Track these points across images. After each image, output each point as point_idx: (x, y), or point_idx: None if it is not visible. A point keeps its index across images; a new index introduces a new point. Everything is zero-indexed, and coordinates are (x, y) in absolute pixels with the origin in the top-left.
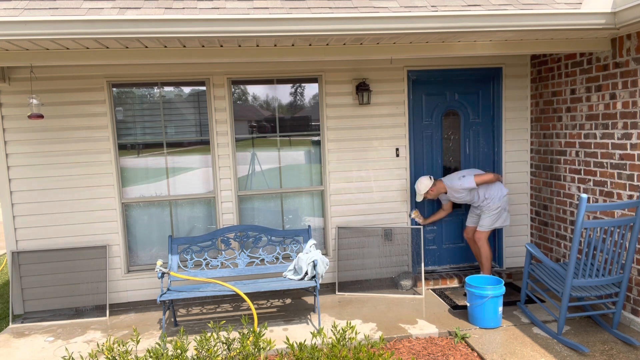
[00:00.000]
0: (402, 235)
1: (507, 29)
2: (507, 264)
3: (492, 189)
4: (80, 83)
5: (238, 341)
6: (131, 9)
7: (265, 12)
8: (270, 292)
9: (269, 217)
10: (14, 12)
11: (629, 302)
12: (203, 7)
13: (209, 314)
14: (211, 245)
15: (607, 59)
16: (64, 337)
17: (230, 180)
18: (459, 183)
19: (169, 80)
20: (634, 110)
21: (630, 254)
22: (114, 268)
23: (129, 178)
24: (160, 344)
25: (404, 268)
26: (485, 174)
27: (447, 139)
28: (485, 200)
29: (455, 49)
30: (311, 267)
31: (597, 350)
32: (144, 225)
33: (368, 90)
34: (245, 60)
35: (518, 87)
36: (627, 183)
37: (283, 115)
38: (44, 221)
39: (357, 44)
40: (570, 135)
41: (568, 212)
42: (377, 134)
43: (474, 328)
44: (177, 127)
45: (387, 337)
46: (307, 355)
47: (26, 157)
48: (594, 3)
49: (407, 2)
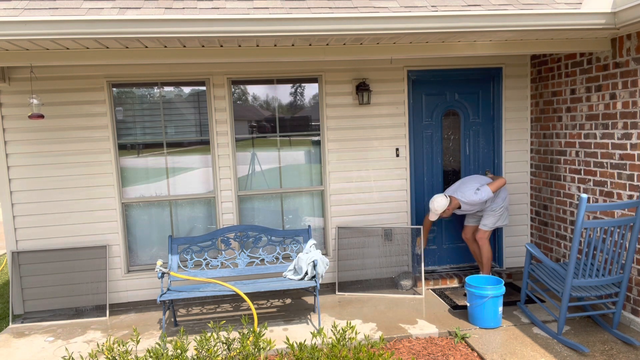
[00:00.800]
0: (402, 235)
1: (507, 29)
2: (507, 264)
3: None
4: (80, 83)
5: (238, 341)
6: (131, 9)
7: (265, 12)
8: (270, 292)
9: (269, 217)
10: (14, 12)
11: (629, 302)
12: (203, 7)
13: (209, 314)
14: (211, 245)
15: (607, 59)
16: (64, 337)
17: (230, 180)
18: (478, 197)
19: (169, 80)
20: (634, 110)
21: (630, 254)
22: (114, 268)
23: (129, 178)
24: (160, 344)
25: (404, 268)
26: (498, 180)
27: (447, 139)
28: (492, 203)
29: (455, 49)
30: (311, 267)
31: (597, 350)
32: (144, 225)
33: (368, 90)
34: (245, 60)
35: (518, 87)
36: (627, 183)
37: (283, 115)
38: (44, 221)
39: (357, 44)
40: (570, 135)
41: (568, 212)
42: (377, 134)
43: (474, 328)
44: (177, 127)
45: (387, 337)
46: (307, 355)
47: (26, 157)
48: (594, 3)
49: (407, 2)
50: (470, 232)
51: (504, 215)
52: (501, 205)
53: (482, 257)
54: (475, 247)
